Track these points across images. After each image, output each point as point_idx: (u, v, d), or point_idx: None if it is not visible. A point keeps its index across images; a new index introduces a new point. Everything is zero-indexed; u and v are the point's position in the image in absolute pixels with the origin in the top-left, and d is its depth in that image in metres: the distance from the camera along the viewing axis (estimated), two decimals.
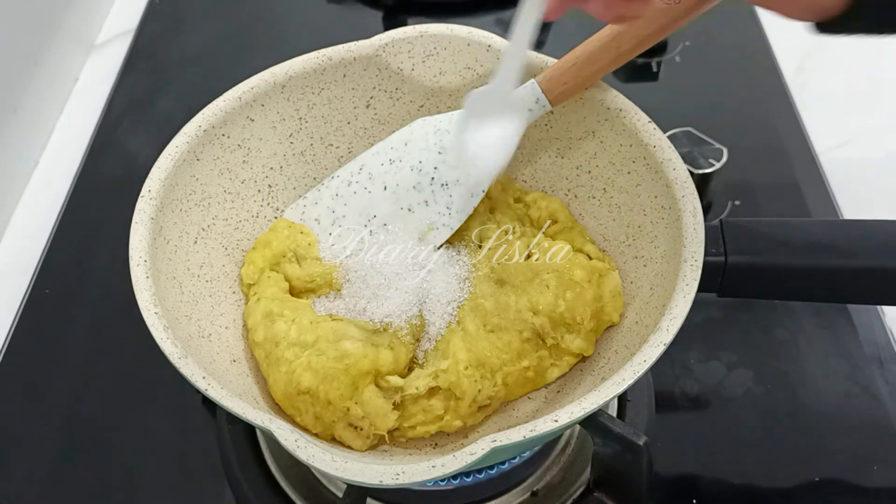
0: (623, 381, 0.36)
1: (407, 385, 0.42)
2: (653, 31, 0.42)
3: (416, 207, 0.47)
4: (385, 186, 0.47)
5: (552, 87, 0.45)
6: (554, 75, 0.45)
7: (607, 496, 0.49)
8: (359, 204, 0.48)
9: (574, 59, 0.45)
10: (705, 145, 0.65)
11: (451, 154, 0.45)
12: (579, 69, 0.44)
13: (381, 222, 0.48)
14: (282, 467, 0.50)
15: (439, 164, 0.46)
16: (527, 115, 0.45)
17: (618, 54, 0.43)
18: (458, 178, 0.46)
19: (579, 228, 0.49)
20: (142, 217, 0.42)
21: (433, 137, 0.46)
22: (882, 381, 0.55)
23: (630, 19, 0.39)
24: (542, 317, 0.44)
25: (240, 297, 0.48)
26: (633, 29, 0.42)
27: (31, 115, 0.73)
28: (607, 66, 0.44)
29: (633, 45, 0.43)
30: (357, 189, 0.48)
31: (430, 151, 0.46)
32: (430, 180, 0.46)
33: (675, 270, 0.40)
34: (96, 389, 0.57)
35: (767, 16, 0.83)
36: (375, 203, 0.48)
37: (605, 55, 0.44)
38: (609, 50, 0.43)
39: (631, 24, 0.42)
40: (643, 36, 0.42)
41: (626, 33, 0.43)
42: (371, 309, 0.45)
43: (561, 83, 0.45)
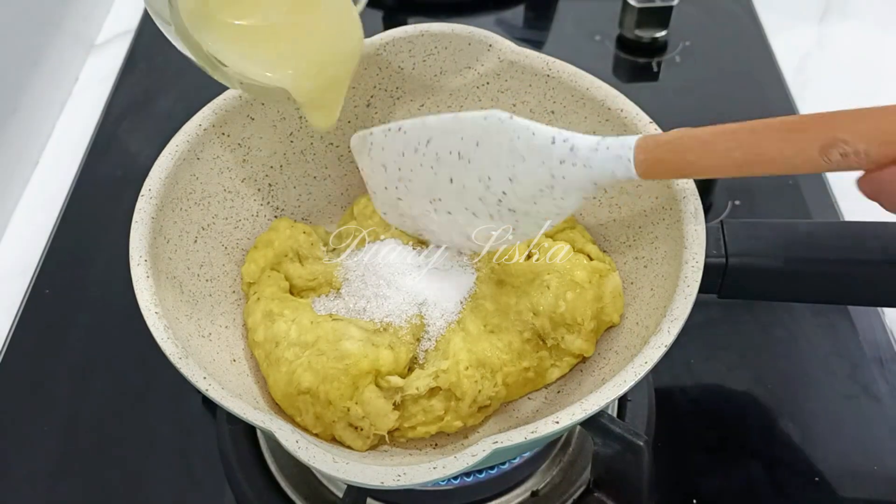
0: (624, 383, 0.36)
1: (407, 385, 0.42)
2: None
3: (480, 215, 0.43)
4: (451, 179, 0.42)
5: (647, 157, 0.37)
6: (653, 144, 0.37)
7: (607, 496, 0.49)
8: (425, 179, 0.44)
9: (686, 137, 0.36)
10: None
11: (522, 188, 0.40)
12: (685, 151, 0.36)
13: (446, 209, 0.44)
14: (282, 467, 0.50)
15: (508, 191, 0.40)
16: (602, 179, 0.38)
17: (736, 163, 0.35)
18: (528, 210, 0.41)
19: (580, 229, 0.49)
20: (142, 216, 0.42)
21: (506, 158, 0.39)
22: (882, 381, 0.55)
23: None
24: (543, 317, 0.44)
25: (240, 297, 0.48)
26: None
27: (31, 115, 0.73)
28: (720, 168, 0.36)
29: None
30: (423, 162, 0.43)
31: (501, 172, 0.40)
32: (497, 202, 0.41)
33: (675, 271, 0.40)
34: (96, 389, 0.57)
35: (767, 16, 0.84)
36: (441, 187, 0.43)
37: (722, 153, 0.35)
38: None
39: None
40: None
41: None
42: (371, 309, 0.45)
43: (657, 155, 0.37)
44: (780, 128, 0.34)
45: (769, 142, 0.34)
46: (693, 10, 0.83)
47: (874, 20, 0.85)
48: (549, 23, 0.85)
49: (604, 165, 0.37)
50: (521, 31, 0.84)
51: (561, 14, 0.85)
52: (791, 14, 0.85)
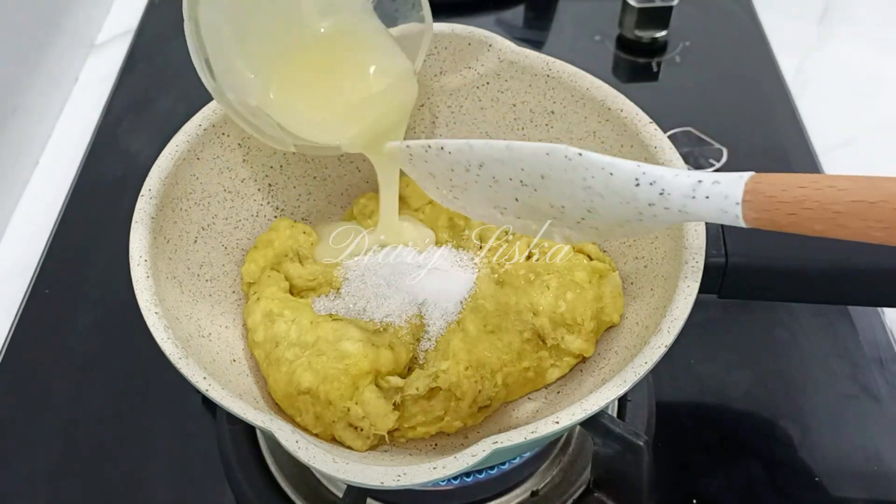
0: (624, 383, 0.36)
1: (407, 385, 0.42)
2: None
3: (557, 226, 0.39)
4: (517, 199, 0.38)
5: (760, 217, 0.32)
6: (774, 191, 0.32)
7: (607, 496, 0.49)
8: (483, 193, 0.40)
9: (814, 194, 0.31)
10: (705, 145, 0.65)
11: (604, 219, 0.36)
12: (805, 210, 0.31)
13: (515, 215, 0.40)
14: (282, 467, 0.50)
15: (587, 217, 0.37)
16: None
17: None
18: (612, 229, 0.37)
19: None
20: (142, 216, 0.42)
21: (581, 194, 0.35)
22: (882, 381, 0.55)
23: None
24: (543, 317, 0.44)
25: (240, 297, 0.48)
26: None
27: (31, 115, 0.73)
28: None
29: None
30: (479, 181, 0.39)
31: (577, 204, 0.36)
32: (576, 223, 0.38)
33: (675, 271, 0.40)
34: (96, 389, 0.57)
35: (767, 16, 0.84)
36: (505, 202, 0.39)
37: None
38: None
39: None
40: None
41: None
42: (371, 309, 0.45)
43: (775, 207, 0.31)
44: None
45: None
46: (693, 11, 0.83)
47: (874, 21, 0.85)
48: (549, 23, 0.85)
49: (704, 215, 0.33)
50: (521, 31, 0.84)
51: (561, 14, 0.85)
52: (791, 14, 0.85)
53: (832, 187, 0.30)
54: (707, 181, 0.33)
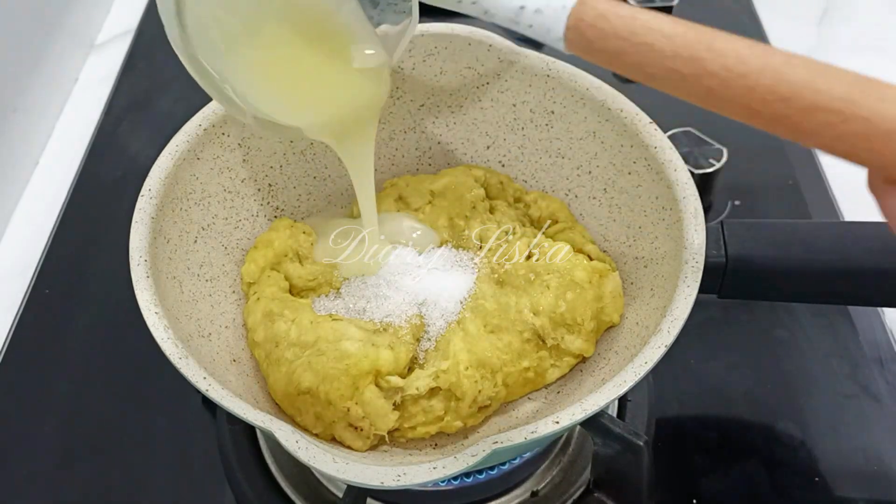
0: (624, 383, 0.36)
1: (407, 385, 0.42)
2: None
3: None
4: None
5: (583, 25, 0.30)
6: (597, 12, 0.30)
7: (607, 496, 0.49)
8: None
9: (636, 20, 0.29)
10: (705, 145, 0.65)
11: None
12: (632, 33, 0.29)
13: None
14: (282, 467, 0.50)
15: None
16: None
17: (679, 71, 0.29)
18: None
19: (580, 229, 0.49)
20: (142, 216, 0.42)
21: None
22: (882, 381, 0.55)
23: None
24: (543, 317, 0.44)
25: (240, 297, 0.48)
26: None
27: (31, 115, 0.73)
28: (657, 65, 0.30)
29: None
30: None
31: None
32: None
33: (675, 271, 0.40)
34: (96, 389, 0.57)
35: (767, 16, 0.84)
36: None
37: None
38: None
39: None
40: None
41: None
42: (371, 309, 0.45)
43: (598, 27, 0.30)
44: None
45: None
46: (693, 10, 0.83)
47: (874, 20, 0.85)
48: None
49: (531, 35, 0.32)
50: None
51: None
52: (791, 14, 0.85)
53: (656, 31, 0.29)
54: (529, 9, 0.32)
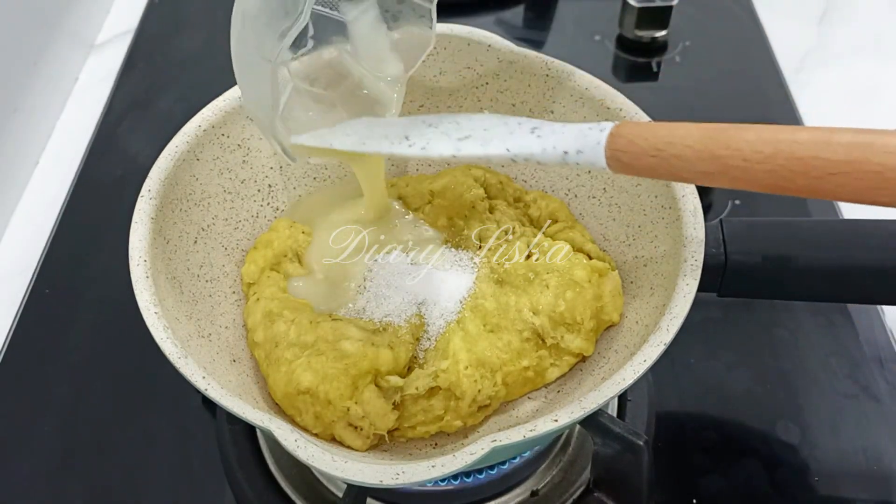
0: (623, 381, 0.36)
1: (407, 385, 0.42)
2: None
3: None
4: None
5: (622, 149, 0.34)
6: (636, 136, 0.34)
7: (607, 496, 0.49)
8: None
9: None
10: None
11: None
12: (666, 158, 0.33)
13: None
14: (282, 467, 0.50)
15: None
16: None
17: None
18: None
19: (579, 228, 0.49)
20: (141, 217, 0.42)
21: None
22: (882, 381, 0.55)
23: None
24: (542, 316, 0.44)
25: (240, 297, 0.48)
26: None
27: (31, 115, 0.73)
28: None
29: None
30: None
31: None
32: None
33: (675, 270, 0.40)
34: (96, 389, 0.57)
35: (767, 16, 0.84)
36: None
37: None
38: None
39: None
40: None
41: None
42: (371, 309, 0.45)
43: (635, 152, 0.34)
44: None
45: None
46: (693, 10, 0.83)
47: (874, 20, 0.85)
48: (549, 23, 0.85)
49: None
50: (520, 31, 0.84)
51: (561, 14, 0.85)
52: (791, 14, 0.85)
53: (687, 147, 0.32)
54: (571, 152, 0.35)
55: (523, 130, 0.37)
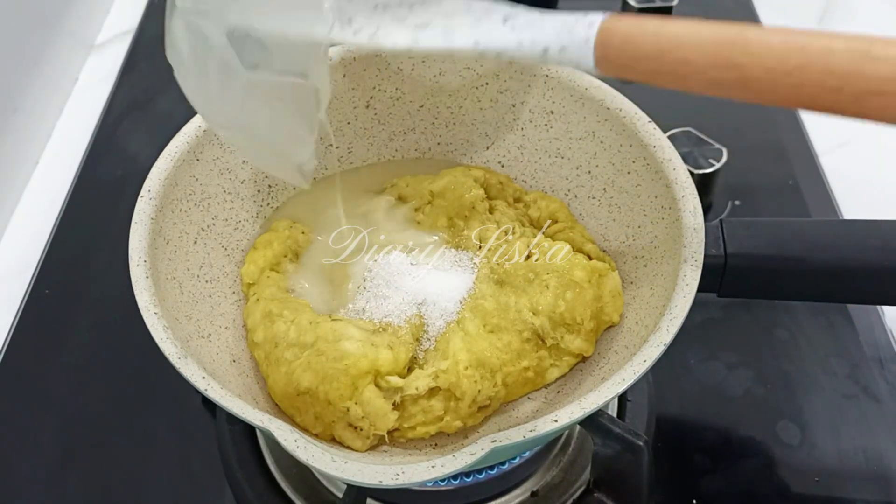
0: (623, 382, 0.36)
1: (407, 385, 0.42)
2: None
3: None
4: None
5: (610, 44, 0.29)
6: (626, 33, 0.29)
7: (607, 496, 0.49)
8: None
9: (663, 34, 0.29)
10: (705, 145, 0.65)
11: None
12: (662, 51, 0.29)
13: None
14: (282, 467, 0.50)
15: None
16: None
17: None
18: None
19: (579, 228, 0.49)
20: (141, 217, 0.42)
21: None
22: (882, 381, 0.55)
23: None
24: (542, 317, 0.44)
25: (240, 297, 0.48)
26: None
27: (31, 115, 0.73)
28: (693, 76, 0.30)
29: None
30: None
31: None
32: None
33: (675, 270, 0.41)
34: (96, 389, 0.57)
35: (767, 15, 0.84)
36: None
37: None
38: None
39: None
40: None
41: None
42: (370, 309, 0.45)
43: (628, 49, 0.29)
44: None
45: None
46: (693, 10, 0.83)
47: (874, 20, 0.85)
48: None
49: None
50: None
51: None
52: (791, 14, 0.85)
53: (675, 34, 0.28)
54: (553, 49, 0.31)
55: (494, 20, 0.32)
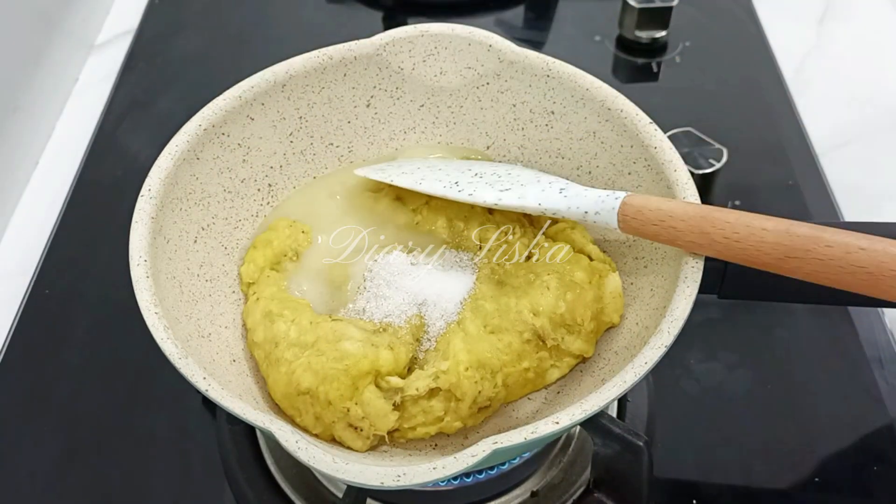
0: (624, 383, 0.36)
1: (407, 386, 0.42)
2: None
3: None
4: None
5: (631, 207, 0.40)
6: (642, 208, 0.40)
7: (607, 496, 0.49)
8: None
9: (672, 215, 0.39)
10: (705, 145, 0.65)
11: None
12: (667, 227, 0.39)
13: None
14: (282, 468, 0.50)
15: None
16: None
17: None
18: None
19: (580, 229, 0.49)
20: (142, 216, 0.42)
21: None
22: (882, 381, 0.55)
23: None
24: (543, 318, 0.44)
25: (240, 297, 0.48)
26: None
27: (31, 115, 0.73)
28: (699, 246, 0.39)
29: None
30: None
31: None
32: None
33: (675, 272, 0.40)
34: (96, 389, 0.57)
35: (767, 15, 0.84)
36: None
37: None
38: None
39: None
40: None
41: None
42: (371, 309, 0.45)
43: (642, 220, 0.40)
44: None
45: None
46: (693, 11, 0.83)
47: (874, 21, 0.85)
48: (549, 23, 0.85)
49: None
50: (521, 32, 0.84)
51: (561, 14, 0.85)
52: (791, 14, 0.85)
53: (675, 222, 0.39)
54: (591, 213, 0.42)
55: (553, 190, 0.44)
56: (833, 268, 0.35)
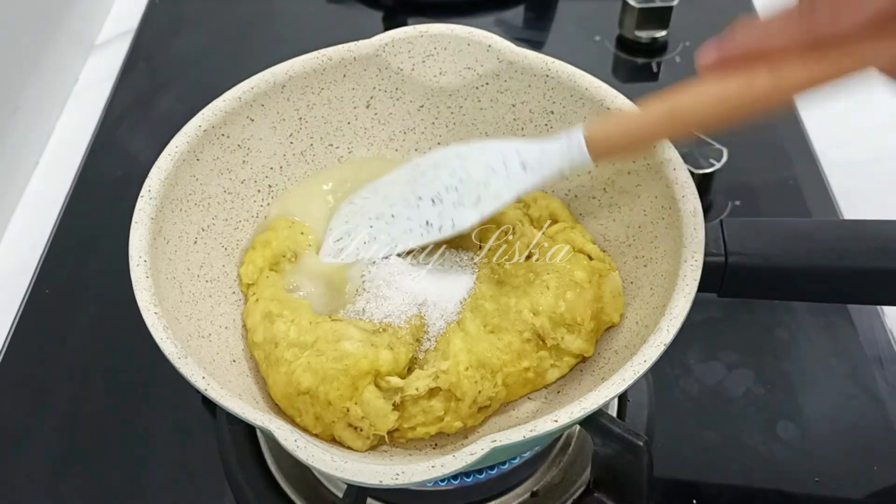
0: (623, 382, 0.36)
1: (407, 386, 0.42)
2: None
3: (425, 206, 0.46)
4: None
5: (596, 140, 0.41)
6: (602, 129, 0.41)
7: (607, 496, 0.49)
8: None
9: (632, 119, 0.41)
10: (705, 145, 0.65)
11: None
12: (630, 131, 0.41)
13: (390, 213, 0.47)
14: (282, 467, 0.50)
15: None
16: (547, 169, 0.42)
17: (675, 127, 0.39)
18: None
19: (579, 228, 0.49)
20: (141, 217, 0.42)
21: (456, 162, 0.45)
22: (882, 381, 0.55)
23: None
24: (543, 317, 0.44)
25: (239, 297, 0.48)
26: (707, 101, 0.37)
27: (31, 115, 0.73)
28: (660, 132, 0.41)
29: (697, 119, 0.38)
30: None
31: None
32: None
33: (675, 270, 0.41)
34: (96, 389, 0.57)
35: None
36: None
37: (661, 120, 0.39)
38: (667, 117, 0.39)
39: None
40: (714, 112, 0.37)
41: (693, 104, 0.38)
42: (370, 309, 0.45)
43: (605, 138, 0.41)
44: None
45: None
46: (693, 11, 0.83)
47: None
48: (549, 23, 0.85)
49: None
50: (520, 32, 0.84)
51: (561, 14, 0.85)
52: None
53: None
54: (566, 170, 0.42)
55: (516, 172, 0.43)
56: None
